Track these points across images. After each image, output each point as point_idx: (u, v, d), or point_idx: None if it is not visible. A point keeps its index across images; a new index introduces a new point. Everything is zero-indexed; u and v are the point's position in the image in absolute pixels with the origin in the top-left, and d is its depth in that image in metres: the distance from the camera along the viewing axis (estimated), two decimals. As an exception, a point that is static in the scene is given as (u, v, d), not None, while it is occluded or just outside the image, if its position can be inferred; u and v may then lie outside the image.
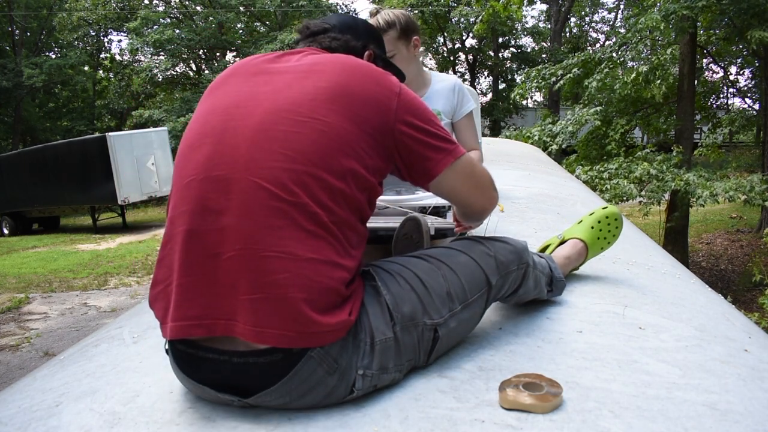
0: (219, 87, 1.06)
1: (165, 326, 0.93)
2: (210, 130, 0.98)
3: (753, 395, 0.97)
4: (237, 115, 0.97)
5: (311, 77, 0.99)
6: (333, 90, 0.97)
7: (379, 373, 0.95)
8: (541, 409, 0.88)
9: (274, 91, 0.98)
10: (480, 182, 1.17)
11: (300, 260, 0.88)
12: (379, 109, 0.99)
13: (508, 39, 24.20)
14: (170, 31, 18.30)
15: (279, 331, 0.86)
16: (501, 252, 1.17)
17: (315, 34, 1.18)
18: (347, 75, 1.00)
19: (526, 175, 3.82)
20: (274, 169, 0.91)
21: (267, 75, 1.02)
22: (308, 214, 0.90)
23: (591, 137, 9.65)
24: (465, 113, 2.13)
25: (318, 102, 0.96)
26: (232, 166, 0.92)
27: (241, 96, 1.00)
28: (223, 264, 0.89)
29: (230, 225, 0.89)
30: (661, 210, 9.03)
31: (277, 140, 0.93)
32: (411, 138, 1.03)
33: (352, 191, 0.95)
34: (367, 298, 0.98)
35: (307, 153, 0.92)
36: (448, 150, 1.08)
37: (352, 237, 0.96)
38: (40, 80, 19.32)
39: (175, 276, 0.92)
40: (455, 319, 1.05)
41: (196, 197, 0.93)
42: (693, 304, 1.52)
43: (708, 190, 6.73)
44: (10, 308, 6.25)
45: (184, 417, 0.93)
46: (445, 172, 1.07)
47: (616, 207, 1.59)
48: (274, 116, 0.95)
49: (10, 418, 1.04)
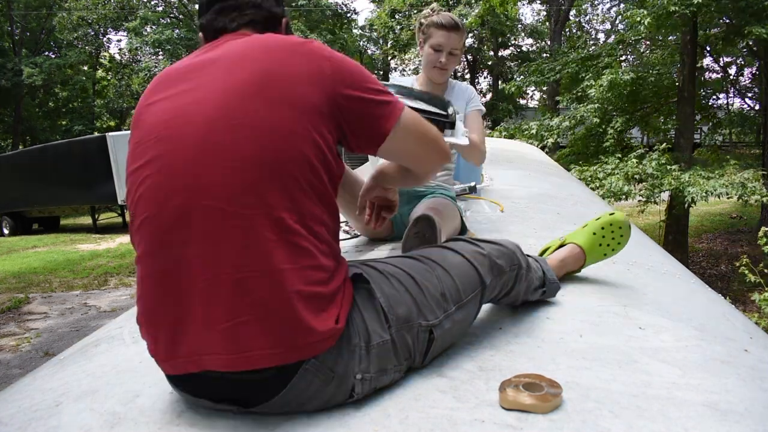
0: (146, 108, 0.98)
1: (158, 363, 0.92)
2: (149, 158, 0.91)
3: (753, 395, 0.96)
4: (170, 137, 0.90)
5: (233, 71, 0.92)
6: (259, 79, 0.90)
7: (378, 375, 0.94)
8: (541, 409, 0.88)
9: (200, 101, 0.91)
10: (428, 132, 1.12)
11: (274, 273, 0.84)
12: (312, 82, 0.92)
13: (509, 38, 24.19)
14: (169, 31, 18.29)
15: (267, 351, 0.84)
16: (494, 253, 1.17)
17: (238, 5, 1.07)
18: (269, 59, 0.93)
19: (526, 175, 3.81)
20: (223, 186, 0.86)
21: (189, 82, 0.95)
22: (271, 222, 0.85)
23: (588, 134, 9.66)
24: (473, 107, 2.28)
25: (247, 99, 0.89)
26: (180, 194, 0.87)
27: (168, 114, 0.93)
28: (196, 297, 0.86)
29: (195, 255, 0.86)
30: (660, 210, 9.03)
31: (217, 154, 0.87)
32: (355, 100, 0.96)
33: (310, 179, 0.90)
34: (360, 301, 0.96)
35: (252, 157, 0.86)
36: (392, 102, 1.03)
37: (321, 232, 0.91)
38: (39, 80, 19.30)
39: (156, 316, 0.90)
40: (450, 320, 1.04)
41: (153, 236, 0.89)
42: (693, 304, 1.52)
43: (700, 188, 6.72)
44: (10, 308, 6.24)
45: (184, 417, 0.93)
46: (395, 129, 1.02)
47: (624, 215, 1.58)
48: (207, 128, 0.88)
49: (10, 418, 1.04)
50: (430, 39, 2.11)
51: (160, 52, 19.27)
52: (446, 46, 2.09)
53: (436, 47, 2.10)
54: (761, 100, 11.60)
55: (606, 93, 8.62)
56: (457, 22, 2.10)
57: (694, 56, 8.89)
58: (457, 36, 2.10)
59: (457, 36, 2.10)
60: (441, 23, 2.09)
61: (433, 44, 2.10)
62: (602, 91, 8.40)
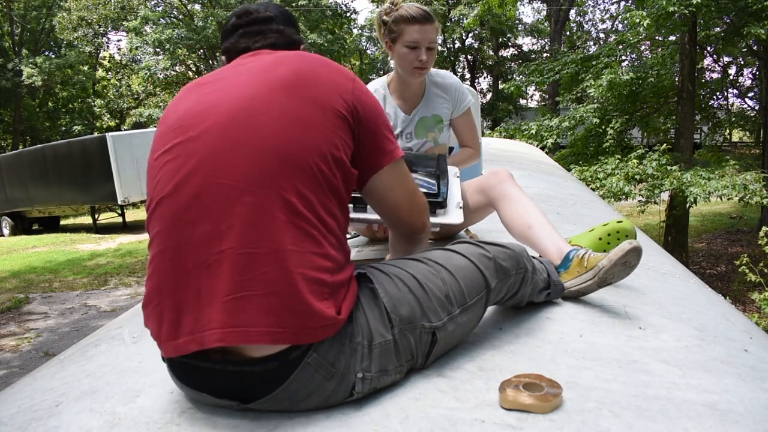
0: (174, 106, 1.03)
1: (161, 345, 0.92)
2: (171, 145, 0.96)
3: (753, 395, 0.96)
4: (192, 125, 0.95)
5: (268, 71, 0.99)
6: (287, 77, 0.97)
7: (378, 375, 0.94)
8: (541, 409, 0.88)
9: (226, 94, 0.96)
10: (415, 195, 1.16)
11: (279, 252, 0.86)
12: (336, 89, 0.99)
13: (509, 38, 24.21)
14: (170, 31, 18.28)
15: (264, 329, 0.84)
16: (500, 256, 1.17)
17: (257, 22, 1.15)
18: (300, 62, 1.00)
19: (526, 175, 3.81)
20: (241, 167, 0.89)
21: (219, 83, 1.01)
22: (282, 203, 0.88)
23: (588, 134, 9.67)
24: (463, 110, 2.11)
25: (275, 91, 0.95)
26: (197, 175, 0.90)
27: (194, 107, 0.98)
28: (203, 271, 0.87)
29: (206, 231, 0.88)
30: (660, 210, 9.03)
31: (237, 140, 0.91)
32: (370, 118, 1.03)
33: (325, 172, 0.93)
34: (364, 300, 0.97)
35: (271, 145, 0.90)
36: (396, 145, 1.09)
37: (331, 224, 0.94)
38: (39, 80, 19.31)
39: (164, 294, 0.90)
40: (453, 323, 1.05)
41: (168, 215, 0.91)
42: (693, 304, 1.52)
43: (702, 188, 6.71)
44: (10, 308, 6.24)
45: (184, 417, 0.93)
46: (388, 168, 1.08)
47: (632, 224, 1.58)
48: (229, 116, 0.93)
49: (10, 418, 1.04)
50: (402, 37, 1.88)
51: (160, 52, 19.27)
52: (423, 41, 1.87)
53: (412, 44, 1.87)
54: (761, 100, 11.60)
55: (606, 93, 8.61)
56: (427, 11, 1.88)
57: (694, 56, 8.89)
58: (432, 28, 1.88)
59: (432, 28, 1.88)
60: (412, 16, 1.86)
61: (407, 42, 1.87)
62: (602, 91, 8.40)
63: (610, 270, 1.31)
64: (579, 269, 1.38)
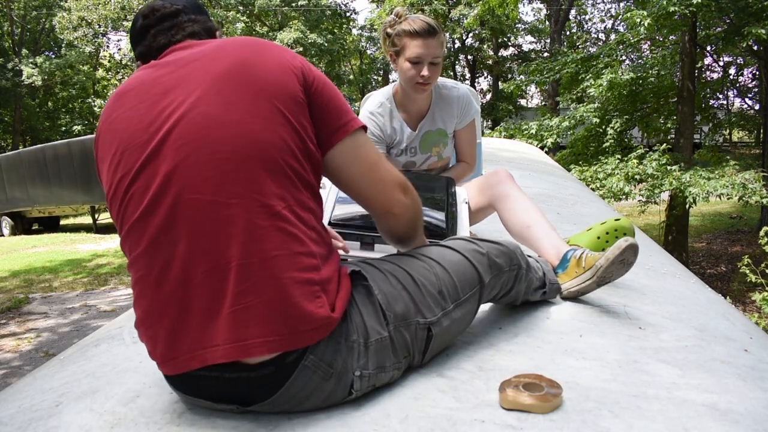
0: (119, 108, 0.95)
1: (159, 365, 0.92)
2: (132, 165, 0.90)
3: (753, 395, 0.96)
4: (151, 141, 0.89)
5: (211, 72, 0.91)
6: (233, 71, 0.90)
7: (376, 372, 0.94)
8: (541, 409, 0.88)
9: (176, 100, 0.90)
10: (377, 167, 1.02)
11: (268, 260, 0.85)
12: (286, 70, 0.93)
13: (509, 38, 24.20)
14: (170, 31, 18.24)
15: (261, 340, 0.84)
16: (493, 252, 1.17)
17: (166, 18, 1.04)
18: (241, 51, 0.93)
19: (526, 175, 3.81)
20: (211, 179, 0.86)
21: (160, 85, 0.93)
22: (261, 209, 0.86)
23: (588, 134, 9.67)
24: (467, 122, 2.06)
25: (227, 93, 0.89)
26: (168, 194, 0.86)
27: (148, 119, 0.91)
28: (196, 290, 0.86)
29: (189, 249, 0.86)
30: (660, 210, 9.03)
31: (202, 151, 0.87)
32: (323, 91, 0.96)
33: (293, 165, 0.90)
34: (358, 298, 0.96)
35: (237, 149, 0.86)
36: (352, 115, 1.00)
37: (308, 218, 0.91)
38: (39, 80, 19.31)
39: (153, 320, 0.89)
40: (448, 318, 1.05)
41: (146, 236, 0.88)
42: (693, 304, 1.52)
43: (701, 188, 6.72)
44: (10, 308, 6.24)
45: (184, 418, 0.93)
46: (344, 142, 0.98)
47: (629, 221, 1.58)
48: (189, 124, 0.88)
49: (10, 418, 1.04)
50: (405, 51, 1.83)
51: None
52: (426, 56, 1.80)
53: (414, 60, 1.81)
54: (761, 100, 11.60)
55: (606, 93, 8.62)
56: (432, 25, 1.81)
57: (694, 56, 8.89)
58: (435, 42, 1.81)
59: (435, 42, 1.81)
60: (415, 31, 1.79)
61: (409, 57, 1.81)
62: (602, 91, 8.40)
63: (608, 269, 1.31)
64: (577, 269, 1.38)
